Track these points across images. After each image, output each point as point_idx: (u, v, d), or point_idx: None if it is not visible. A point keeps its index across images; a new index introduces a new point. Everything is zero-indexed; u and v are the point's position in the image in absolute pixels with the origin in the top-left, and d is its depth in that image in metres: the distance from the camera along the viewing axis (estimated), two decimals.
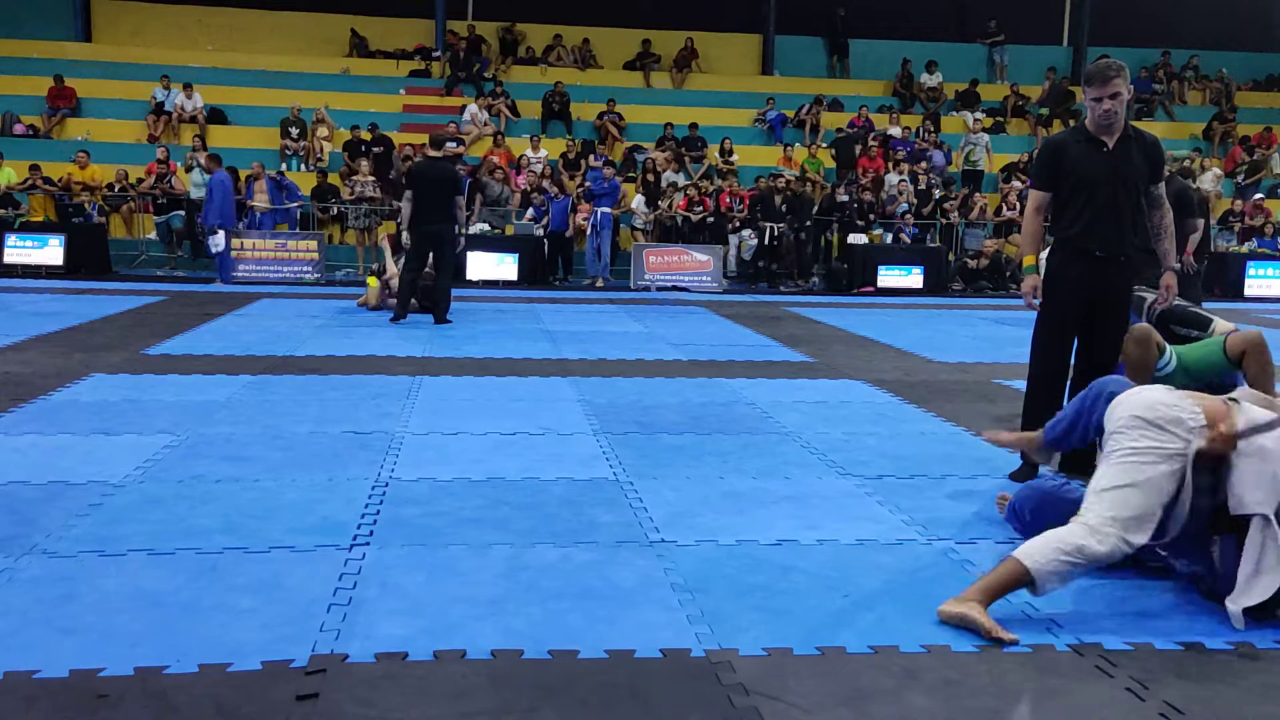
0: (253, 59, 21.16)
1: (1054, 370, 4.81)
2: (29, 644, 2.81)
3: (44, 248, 14.51)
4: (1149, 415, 3.23)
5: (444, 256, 10.16)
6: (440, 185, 9.96)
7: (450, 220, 10.03)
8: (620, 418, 5.91)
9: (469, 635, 2.94)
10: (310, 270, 14.72)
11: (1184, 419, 3.19)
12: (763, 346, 9.08)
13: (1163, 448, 3.16)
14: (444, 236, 10.05)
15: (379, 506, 4.12)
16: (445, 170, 10.20)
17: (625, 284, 15.20)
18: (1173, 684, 2.77)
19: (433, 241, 10.04)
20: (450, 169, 10.40)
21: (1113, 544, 3.08)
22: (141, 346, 8.14)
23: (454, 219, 10.07)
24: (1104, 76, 4.47)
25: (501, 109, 19.51)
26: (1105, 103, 4.47)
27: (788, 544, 3.79)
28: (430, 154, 10.32)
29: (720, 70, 22.66)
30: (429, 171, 10.03)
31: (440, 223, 9.97)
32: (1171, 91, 22.72)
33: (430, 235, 10.00)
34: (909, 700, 2.64)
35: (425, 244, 10.06)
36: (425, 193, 9.92)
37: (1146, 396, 3.33)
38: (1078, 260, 4.62)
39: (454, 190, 10.04)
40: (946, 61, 22.35)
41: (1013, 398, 6.59)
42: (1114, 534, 3.09)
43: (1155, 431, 3.19)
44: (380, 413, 5.89)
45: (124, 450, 4.89)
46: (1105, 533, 3.09)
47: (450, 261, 10.34)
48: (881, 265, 15.46)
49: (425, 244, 10.06)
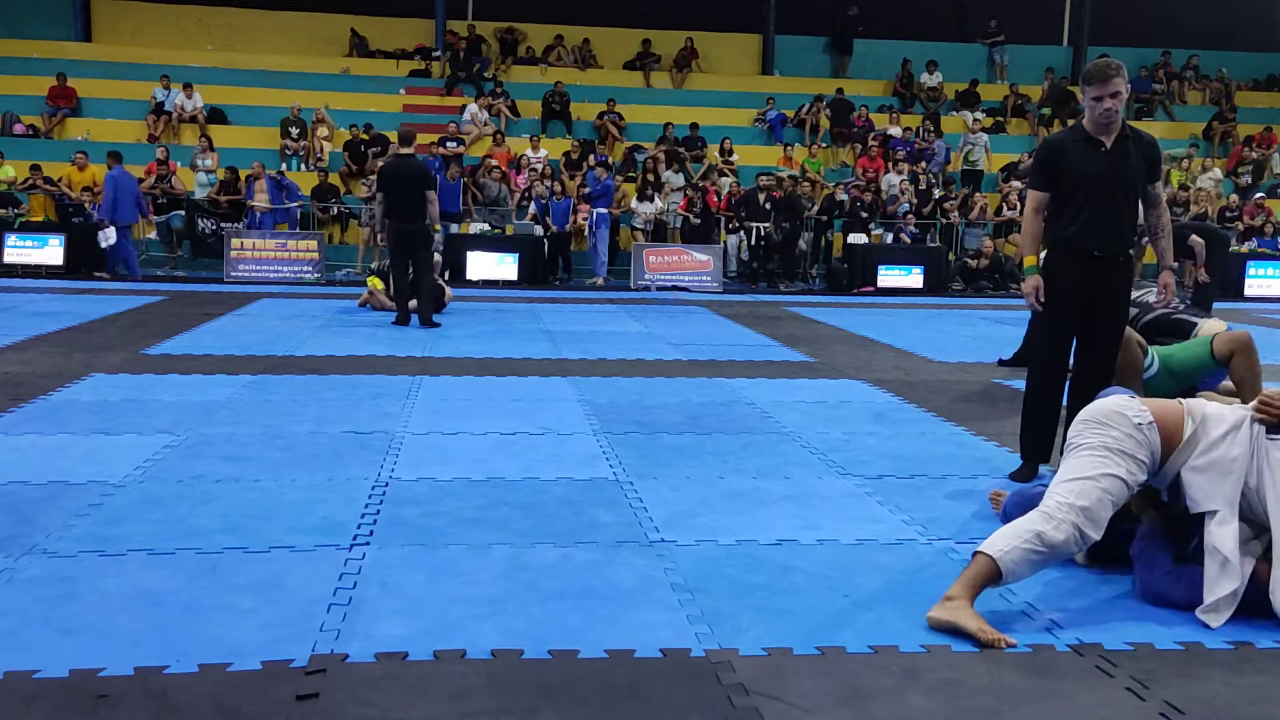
0: (253, 59, 21.16)
1: (1054, 370, 4.82)
2: (29, 644, 2.81)
3: (44, 247, 14.52)
4: (1091, 415, 3.38)
5: (421, 256, 9.96)
6: (410, 183, 9.74)
7: (424, 218, 9.81)
8: (620, 418, 5.91)
9: (469, 635, 2.94)
10: (310, 270, 14.72)
11: (1128, 415, 3.30)
12: (763, 346, 9.08)
13: (1111, 442, 3.25)
14: (419, 235, 9.86)
15: (379, 506, 4.12)
16: (415, 167, 9.97)
17: (625, 284, 15.21)
18: (1173, 684, 2.77)
19: (407, 241, 9.86)
20: (420, 165, 10.12)
21: (1068, 531, 3.13)
22: (141, 346, 8.14)
23: (427, 217, 9.84)
24: (1104, 75, 4.46)
25: (501, 109, 19.52)
26: (1105, 102, 4.47)
27: (788, 544, 3.79)
28: (401, 152, 10.08)
29: (720, 70, 22.66)
30: (399, 170, 9.86)
31: (414, 221, 9.78)
32: (1171, 91, 22.72)
33: (404, 234, 9.83)
34: (909, 700, 2.64)
35: (400, 243, 9.90)
36: (396, 191, 9.77)
37: (1093, 405, 3.48)
38: (1076, 260, 4.62)
39: (425, 186, 9.79)
40: (946, 61, 22.35)
41: (1012, 397, 6.59)
42: (1069, 521, 3.13)
43: (1099, 428, 3.31)
44: (380, 413, 5.90)
45: (124, 450, 4.89)
46: (1060, 519, 3.13)
47: (428, 261, 10.14)
48: (881, 265, 15.46)
49: (400, 243, 9.90)
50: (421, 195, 9.74)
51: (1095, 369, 4.78)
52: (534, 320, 10.62)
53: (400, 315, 10.00)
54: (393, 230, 9.83)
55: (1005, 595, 3.33)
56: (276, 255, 14.78)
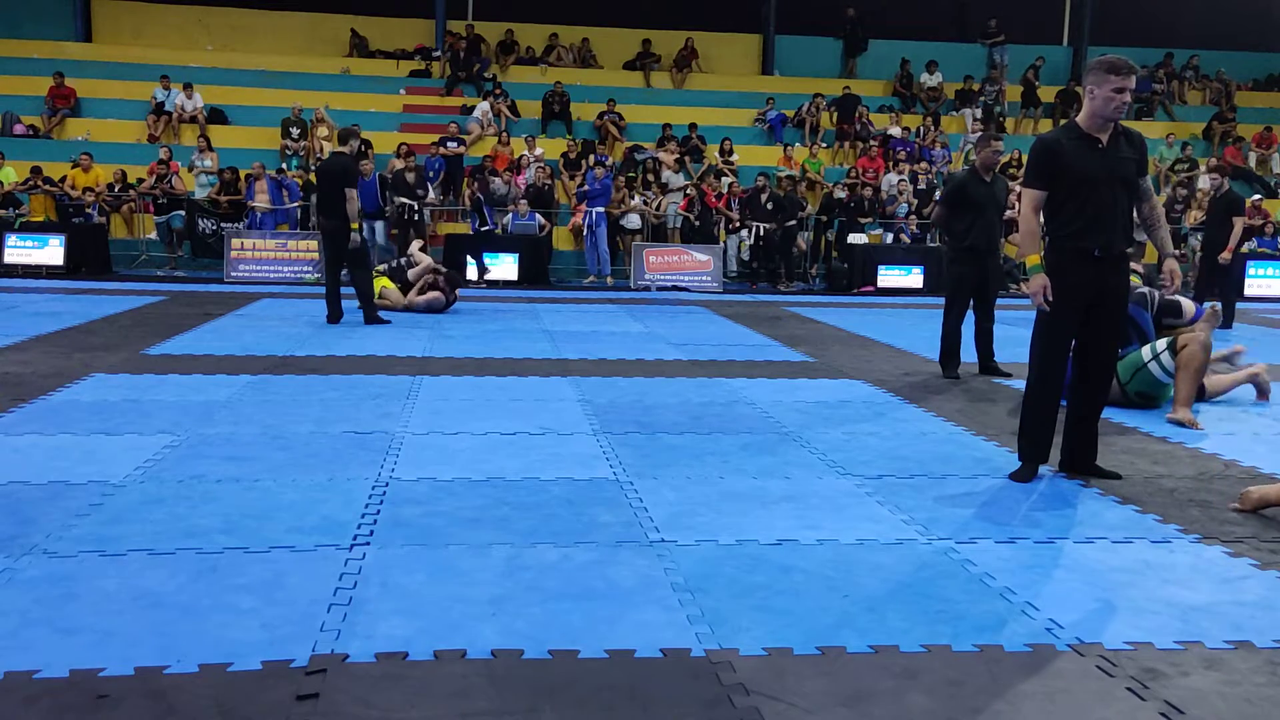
0: (253, 59, 21.16)
1: (1054, 370, 4.81)
2: (29, 644, 2.82)
3: (44, 248, 14.52)
4: None
5: (343, 254, 9.83)
6: (332, 180, 9.71)
7: (342, 216, 9.69)
8: (620, 417, 5.91)
9: (469, 635, 2.94)
10: (310, 270, 14.71)
11: None
12: (763, 346, 9.08)
13: None
14: (338, 232, 9.75)
15: (379, 506, 4.12)
16: (337, 164, 9.90)
17: (625, 284, 15.21)
18: (1173, 684, 2.77)
19: (330, 237, 9.84)
20: (341, 162, 9.96)
21: None
22: (141, 346, 8.13)
23: (346, 214, 9.69)
24: (1129, 68, 4.49)
25: (502, 109, 19.52)
26: (1126, 94, 4.49)
27: (788, 544, 3.79)
28: (336, 150, 10.12)
29: (720, 70, 22.66)
30: (325, 167, 9.97)
31: (333, 218, 9.72)
32: (1171, 91, 22.72)
33: (324, 230, 9.92)
34: (909, 700, 2.64)
35: (324, 240, 9.95)
36: (321, 188, 9.86)
37: None
38: (1077, 261, 4.61)
39: (343, 184, 9.66)
40: (946, 61, 22.34)
41: (1012, 397, 6.59)
42: None
43: None
44: (380, 413, 5.90)
45: (124, 450, 4.89)
46: None
47: (356, 259, 9.95)
48: (881, 265, 15.46)
49: (324, 240, 9.95)
50: (340, 193, 9.66)
51: (1093, 369, 4.78)
52: (534, 320, 10.62)
53: (331, 313, 9.91)
54: (318, 227, 9.89)
55: (1005, 595, 3.34)
56: (276, 255, 14.78)
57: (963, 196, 7.51)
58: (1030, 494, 4.56)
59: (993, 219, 7.50)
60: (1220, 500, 4.51)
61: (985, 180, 7.54)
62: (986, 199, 7.45)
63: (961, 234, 7.52)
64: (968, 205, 7.47)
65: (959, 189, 7.57)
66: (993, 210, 7.49)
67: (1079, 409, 4.85)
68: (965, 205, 7.48)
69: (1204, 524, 4.16)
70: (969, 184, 7.54)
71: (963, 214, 7.50)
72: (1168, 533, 4.04)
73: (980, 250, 7.49)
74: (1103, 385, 4.83)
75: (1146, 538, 3.97)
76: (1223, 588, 3.47)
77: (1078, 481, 4.77)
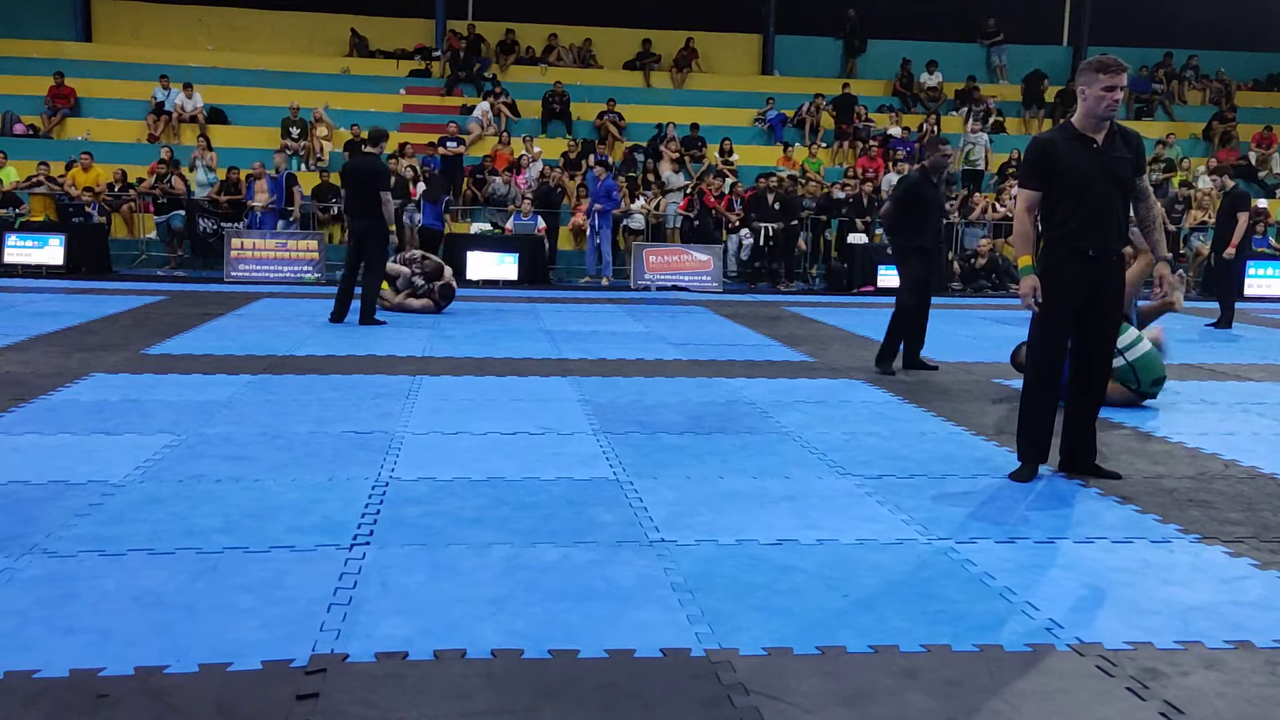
0: (253, 59, 21.17)
1: (1052, 370, 4.81)
2: (29, 644, 2.82)
3: (44, 247, 14.51)
4: None
5: (370, 255, 9.86)
6: (364, 181, 9.68)
7: (377, 218, 9.72)
8: (620, 417, 5.91)
9: (469, 635, 2.94)
10: (310, 270, 14.73)
11: None
12: (762, 346, 9.08)
13: None
14: (370, 234, 9.77)
15: (379, 506, 4.12)
16: (369, 165, 9.88)
17: (625, 284, 15.21)
18: (1173, 684, 2.77)
19: (358, 240, 9.83)
20: (374, 163, 9.97)
21: None
22: (141, 346, 8.13)
23: (381, 216, 9.73)
24: (1119, 66, 4.49)
25: (502, 109, 19.52)
26: (1116, 92, 4.48)
27: (788, 544, 3.79)
28: (365, 150, 10.06)
29: (720, 70, 22.66)
30: (355, 167, 9.91)
31: (364, 219, 9.72)
32: (1171, 91, 22.72)
33: (355, 233, 9.86)
34: (909, 700, 2.64)
35: (353, 242, 9.91)
36: (349, 189, 9.84)
37: None
38: (1072, 261, 4.61)
39: (379, 185, 9.68)
40: (946, 61, 22.34)
41: (1012, 397, 6.59)
42: None
43: None
44: (380, 413, 5.90)
45: (124, 450, 4.89)
46: None
47: (378, 260, 10.02)
48: (881, 265, 15.42)
49: (353, 242, 9.91)
50: (375, 194, 9.66)
51: (1091, 369, 4.78)
52: (534, 320, 10.62)
53: (336, 312, 9.91)
54: (348, 227, 9.83)
55: (1005, 595, 3.34)
56: (276, 255, 14.78)
57: (915, 196, 7.77)
58: (1030, 494, 4.56)
59: (938, 219, 7.93)
60: (1220, 500, 4.51)
61: (933, 182, 7.89)
62: (934, 200, 7.81)
63: (912, 233, 7.81)
64: (918, 205, 7.75)
65: (912, 189, 7.82)
66: (937, 211, 7.90)
67: (1077, 409, 4.85)
68: (916, 205, 7.76)
69: (1204, 524, 4.16)
70: (921, 185, 7.81)
71: (913, 213, 7.76)
72: (1167, 533, 4.04)
73: (928, 249, 7.84)
74: (1100, 385, 4.84)
75: (1146, 538, 3.97)
76: (1222, 588, 3.47)
77: (1077, 481, 4.78)
